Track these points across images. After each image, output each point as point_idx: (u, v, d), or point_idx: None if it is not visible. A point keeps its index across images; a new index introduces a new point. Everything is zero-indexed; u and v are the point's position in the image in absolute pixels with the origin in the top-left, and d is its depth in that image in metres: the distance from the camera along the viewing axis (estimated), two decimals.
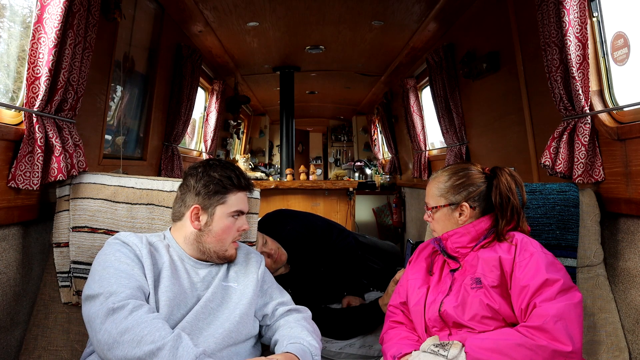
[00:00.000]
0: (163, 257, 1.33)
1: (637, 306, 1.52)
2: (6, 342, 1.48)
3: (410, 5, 2.93)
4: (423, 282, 1.45)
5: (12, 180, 1.47)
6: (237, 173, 1.41)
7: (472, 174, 1.45)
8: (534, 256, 1.29)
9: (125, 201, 1.61)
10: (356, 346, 1.90)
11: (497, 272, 1.32)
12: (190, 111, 3.44)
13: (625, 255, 1.60)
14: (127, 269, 1.24)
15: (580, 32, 1.64)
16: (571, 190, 1.64)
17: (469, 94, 3.12)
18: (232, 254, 1.40)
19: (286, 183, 3.86)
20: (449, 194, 1.43)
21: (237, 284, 1.39)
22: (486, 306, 1.28)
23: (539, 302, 1.21)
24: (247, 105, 6.18)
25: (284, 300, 1.46)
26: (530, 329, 1.18)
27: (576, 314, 1.20)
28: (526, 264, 1.28)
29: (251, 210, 1.67)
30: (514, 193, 1.42)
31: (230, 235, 1.38)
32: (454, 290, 1.36)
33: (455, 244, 1.41)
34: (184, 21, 3.19)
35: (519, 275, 1.27)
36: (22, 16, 1.71)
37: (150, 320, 1.13)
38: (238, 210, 1.39)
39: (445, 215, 1.43)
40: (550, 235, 1.60)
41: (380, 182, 5.71)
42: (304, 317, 1.42)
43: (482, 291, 1.31)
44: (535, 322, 1.18)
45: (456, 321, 1.31)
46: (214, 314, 1.30)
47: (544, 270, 1.25)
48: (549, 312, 1.17)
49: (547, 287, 1.23)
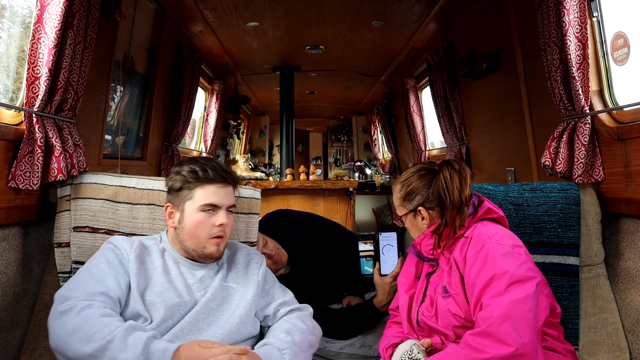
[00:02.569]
0: (155, 262, 1.33)
1: (637, 306, 1.52)
2: (6, 342, 1.48)
3: (410, 5, 2.93)
4: (409, 286, 1.44)
5: (12, 180, 1.47)
6: (205, 166, 1.34)
7: (412, 181, 1.39)
8: (484, 248, 1.19)
9: (126, 201, 1.61)
10: (356, 346, 1.89)
11: (457, 276, 1.25)
12: (190, 111, 3.44)
13: (626, 255, 1.60)
14: (100, 274, 1.24)
15: (580, 32, 1.64)
16: (572, 188, 1.64)
17: (469, 94, 3.12)
18: (213, 252, 1.33)
19: (286, 183, 3.86)
20: (405, 203, 1.42)
21: (237, 284, 1.39)
22: (453, 316, 1.24)
23: (485, 300, 1.11)
24: (247, 105, 6.18)
25: (286, 299, 1.44)
26: (475, 336, 1.09)
27: (524, 309, 1.08)
28: (475, 259, 1.19)
29: (252, 211, 1.66)
30: (451, 190, 1.33)
31: (204, 231, 1.32)
32: (428, 296, 1.34)
33: (427, 246, 1.38)
34: (184, 21, 3.19)
35: (469, 272, 1.20)
36: (22, 16, 1.71)
37: (98, 317, 1.11)
38: (208, 204, 1.32)
39: (410, 222, 1.43)
40: (552, 233, 1.60)
41: (380, 182, 5.70)
42: (298, 315, 1.39)
43: (449, 300, 1.26)
44: (480, 325, 1.09)
45: (433, 329, 1.29)
46: (213, 315, 1.30)
47: (493, 263, 1.15)
48: (493, 314, 1.07)
49: (494, 282, 1.12)
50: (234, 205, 1.39)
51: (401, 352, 1.25)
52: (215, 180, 1.34)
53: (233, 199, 1.38)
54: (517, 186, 1.69)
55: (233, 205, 1.38)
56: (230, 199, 1.37)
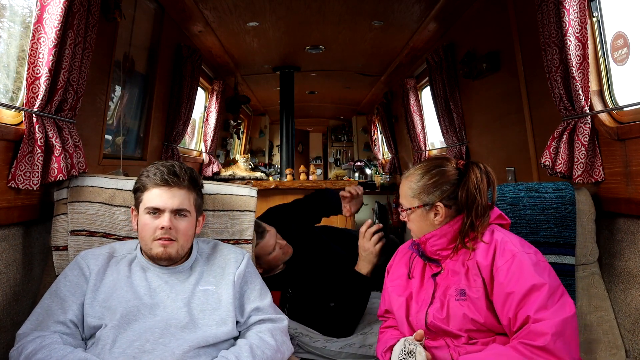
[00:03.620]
0: (121, 272, 1.36)
1: (637, 306, 1.52)
2: (6, 342, 1.48)
3: (410, 5, 2.93)
4: (404, 288, 1.41)
5: (12, 181, 1.47)
6: (155, 170, 1.35)
7: (446, 170, 1.35)
8: (516, 258, 1.21)
9: (122, 204, 1.61)
10: (356, 346, 1.87)
11: (479, 280, 1.25)
12: (190, 111, 3.44)
13: (625, 255, 1.60)
14: (62, 296, 1.31)
15: (580, 32, 1.64)
16: (567, 188, 1.65)
17: (469, 94, 3.12)
18: (159, 253, 1.33)
19: (286, 183, 3.86)
20: (422, 195, 1.34)
21: (214, 287, 1.38)
22: (470, 320, 1.23)
23: (533, 313, 1.15)
24: (247, 105, 6.18)
25: (261, 305, 1.40)
26: (533, 348, 1.13)
27: (573, 327, 1.16)
28: (508, 268, 1.21)
29: (247, 208, 1.66)
30: (482, 192, 1.30)
31: (147, 232, 1.34)
32: (437, 297, 1.31)
33: (434, 246, 1.33)
34: (184, 21, 3.19)
35: (502, 281, 1.20)
36: (22, 16, 1.71)
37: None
38: (150, 207, 1.33)
39: (420, 217, 1.35)
40: (548, 232, 1.61)
41: (380, 182, 5.71)
42: (270, 329, 1.36)
43: (466, 304, 1.25)
44: (538, 341, 1.12)
45: (445, 330, 1.27)
46: (190, 318, 1.30)
47: (529, 274, 1.18)
48: (547, 330, 1.12)
49: (534, 293, 1.16)
50: (184, 210, 1.35)
51: (397, 352, 1.25)
52: (157, 183, 1.34)
53: (183, 203, 1.35)
54: (512, 186, 1.70)
55: (182, 209, 1.35)
56: (177, 202, 1.34)
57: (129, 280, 1.34)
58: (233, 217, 1.64)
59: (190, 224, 1.38)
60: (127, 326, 1.26)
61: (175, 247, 1.35)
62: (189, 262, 1.40)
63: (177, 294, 1.34)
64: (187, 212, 1.36)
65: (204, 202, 1.59)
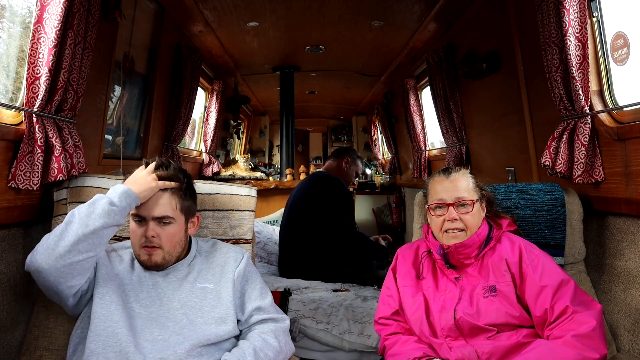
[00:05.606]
0: (123, 268, 1.36)
1: (636, 306, 1.52)
2: (7, 342, 1.48)
3: (410, 5, 2.93)
4: (416, 289, 1.42)
5: (12, 180, 1.47)
6: None
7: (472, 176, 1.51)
8: (540, 255, 1.36)
9: None
10: (355, 334, 2.03)
11: (508, 276, 1.34)
12: (190, 111, 3.44)
13: (625, 255, 1.60)
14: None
15: (580, 32, 1.64)
16: (557, 190, 1.67)
17: (469, 94, 3.12)
18: (144, 260, 1.33)
19: (286, 183, 3.86)
20: (477, 190, 1.44)
21: (213, 284, 1.38)
22: (505, 314, 1.29)
23: (570, 304, 1.26)
24: (247, 105, 6.17)
25: (262, 305, 1.40)
26: (581, 337, 1.21)
27: (602, 318, 1.29)
28: (538, 264, 1.34)
29: (247, 208, 1.66)
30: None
31: (135, 239, 1.34)
32: (465, 297, 1.34)
33: (461, 255, 1.38)
34: (184, 21, 3.19)
35: (535, 276, 1.32)
36: (22, 16, 1.71)
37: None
38: (134, 215, 1.33)
39: (478, 211, 1.41)
40: (540, 234, 1.64)
41: (380, 182, 5.70)
42: (272, 330, 1.36)
43: (498, 299, 1.31)
44: (583, 328, 1.22)
45: (474, 326, 1.29)
46: (187, 317, 1.30)
47: (555, 270, 1.33)
48: (592, 319, 1.23)
49: (564, 286, 1.29)
50: (166, 217, 1.33)
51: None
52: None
53: (165, 210, 1.33)
54: (503, 188, 1.71)
55: (164, 216, 1.32)
56: (159, 210, 1.32)
57: (122, 286, 1.34)
58: (233, 217, 1.64)
59: (176, 229, 1.35)
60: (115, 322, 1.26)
61: (161, 254, 1.33)
62: (187, 260, 1.40)
63: (174, 291, 1.34)
64: (171, 218, 1.33)
65: (203, 202, 1.59)
